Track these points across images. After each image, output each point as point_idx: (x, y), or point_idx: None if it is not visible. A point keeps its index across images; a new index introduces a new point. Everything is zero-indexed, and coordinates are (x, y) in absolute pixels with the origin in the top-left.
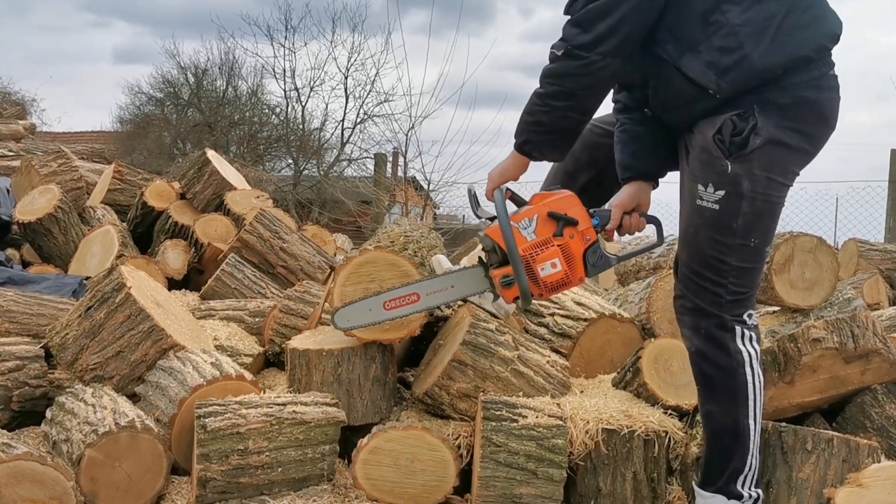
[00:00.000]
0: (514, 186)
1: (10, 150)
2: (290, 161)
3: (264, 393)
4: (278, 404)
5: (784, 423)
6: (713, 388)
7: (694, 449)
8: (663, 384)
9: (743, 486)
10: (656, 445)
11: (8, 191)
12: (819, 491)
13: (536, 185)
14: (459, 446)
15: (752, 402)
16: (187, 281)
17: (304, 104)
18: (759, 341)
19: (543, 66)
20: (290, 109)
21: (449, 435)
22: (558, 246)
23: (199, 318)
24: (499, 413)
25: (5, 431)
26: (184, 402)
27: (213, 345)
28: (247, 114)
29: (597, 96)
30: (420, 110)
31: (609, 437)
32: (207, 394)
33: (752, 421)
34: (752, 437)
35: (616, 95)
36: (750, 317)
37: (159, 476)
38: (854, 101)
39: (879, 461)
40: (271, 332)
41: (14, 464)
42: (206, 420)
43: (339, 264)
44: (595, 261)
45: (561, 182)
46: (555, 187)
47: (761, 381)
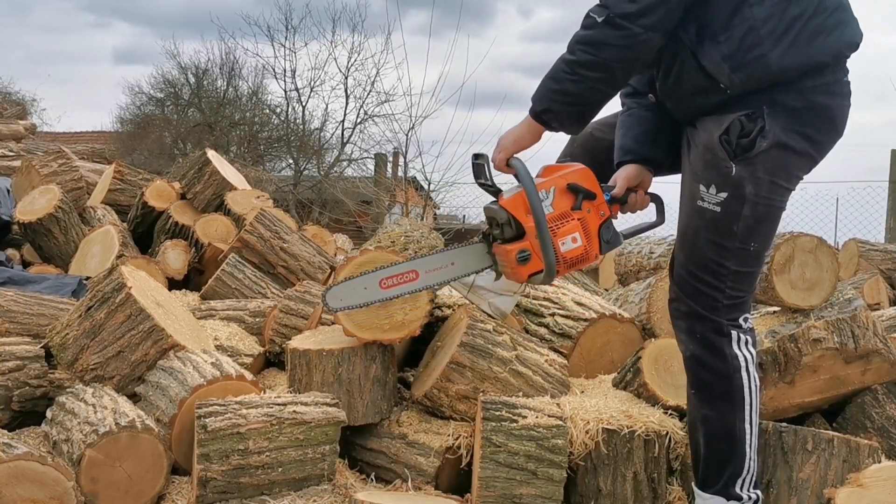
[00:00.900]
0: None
1: (11, 150)
2: (291, 161)
3: (264, 393)
4: (278, 404)
5: (784, 424)
6: (709, 394)
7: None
8: (663, 384)
9: (741, 488)
10: (657, 445)
11: (8, 191)
12: (819, 491)
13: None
14: (459, 446)
15: (748, 407)
16: (187, 281)
17: (304, 104)
18: (754, 345)
19: (575, 33)
20: (290, 109)
21: (449, 435)
22: (578, 220)
23: (200, 319)
24: (498, 413)
25: (5, 431)
26: (184, 402)
27: (214, 345)
28: (247, 114)
29: (630, 72)
30: (420, 110)
31: (609, 437)
32: (208, 394)
33: (748, 425)
34: (748, 442)
35: None
36: (745, 320)
37: (160, 476)
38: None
39: (880, 461)
40: (271, 332)
41: (14, 464)
42: (207, 420)
43: (340, 264)
44: (609, 237)
45: None
46: (565, 160)
47: (758, 384)
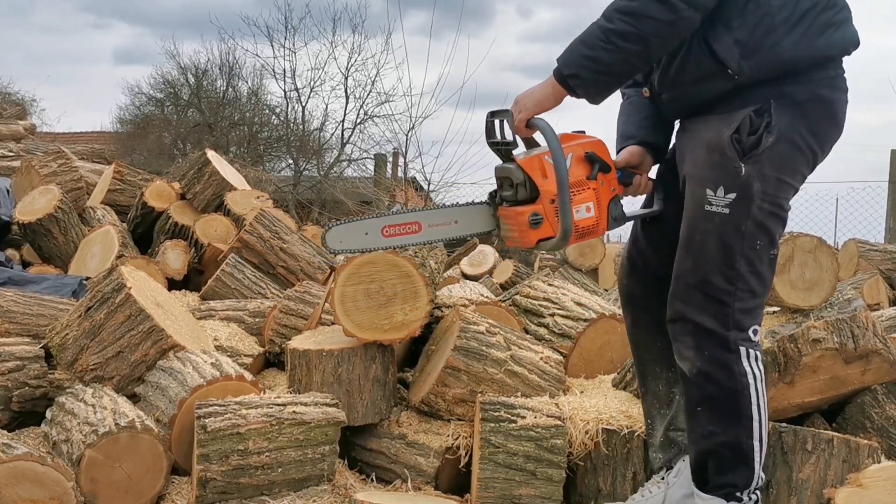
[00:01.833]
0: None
1: (11, 151)
2: (290, 161)
3: (264, 393)
4: (278, 405)
5: (784, 424)
6: (717, 411)
7: None
8: None
9: (743, 492)
10: None
11: (8, 191)
12: (819, 491)
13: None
14: (458, 447)
15: (756, 424)
16: (187, 281)
17: (304, 104)
18: (763, 362)
19: (613, 1)
20: (290, 110)
21: (449, 435)
22: (593, 189)
23: (200, 319)
24: (497, 414)
25: (5, 432)
26: (184, 403)
27: (213, 345)
28: (247, 114)
29: (664, 50)
30: (420, 111)
31: (609, 437)
32: (207, 394)
33: (756, 442)
34: (756, 458)
35: None
36: (755, 333)
37: (159, 476)
38: (854, 101)
39: (879, 461)
40: (271, 332)
41: (14, 464)
42: (206, 420)
43: (340, 265)
44: (616, 214)
45: None
46: (580, 131)
47: (765, 400)
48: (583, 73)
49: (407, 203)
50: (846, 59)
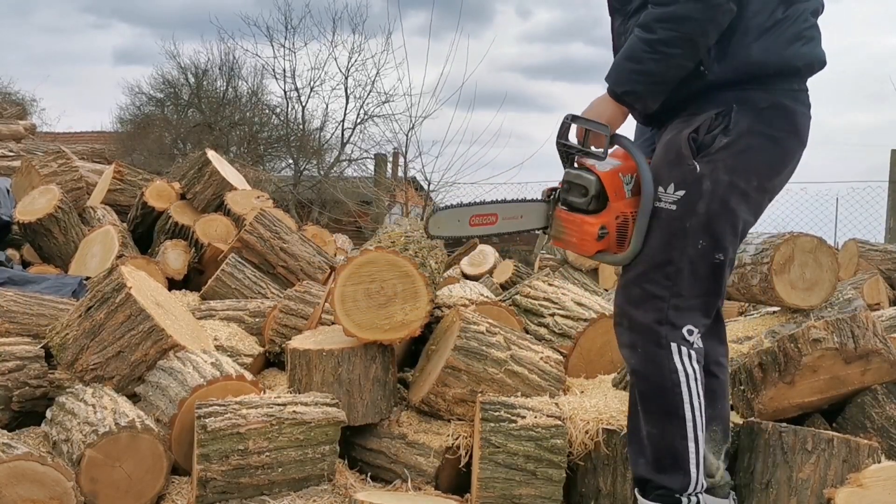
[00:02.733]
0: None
1: (11, 151)
2: (291, 161)
3: (264, 393)
4: (278, 404)
5: (784, 424)
6: (650, 410)
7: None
8: None
9: (682, 495)
10: None
11: (8, 191)
12: (819, 491)
13: (532, 187)
14: (459, 447)
15: (689, 424)
16: (187, 281)
17: (304, 104)
18: (699, 361)
19: (649, 12)
20: (290, 110)
21: (449, 435)
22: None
23: (200, 319)
24: (497, 414)
25: (5, 431)
26: (184, 403)
27: (214, 345)
28: (247, 114)
29: (711, 41)
30: (420, 110)
31: (609, 437)
32: (208, 394)
33: (690, 442)
34: (691, 459)
35: None
36: (691, 333)
37: (159, 476)
38: (853, 101)
39: (880, 461)
40: (271, 332)
41: (14, 464)
42: (207, 420)
43: (341, 264)
44: None
45: None
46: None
47: (702, 402)
48: (637, 88)
49: (407, 203)
50: (844, 59)
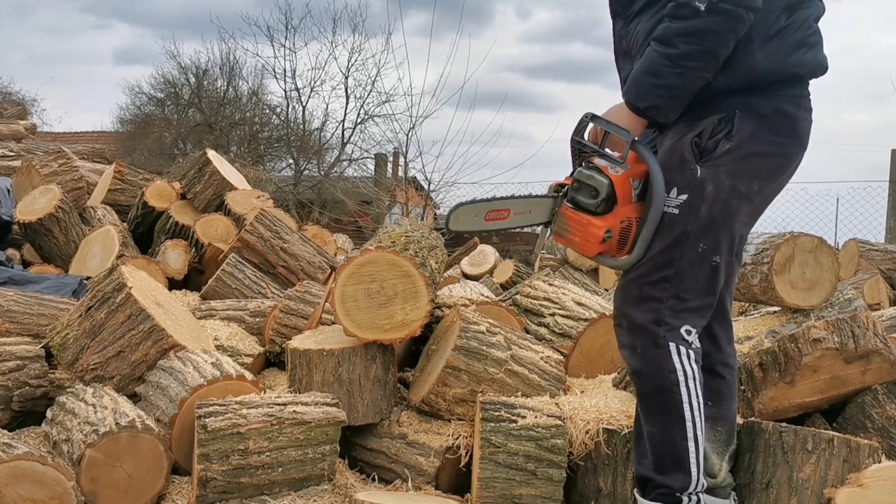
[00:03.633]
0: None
1: (11, 150)
2: (291, 161)
3: (265, 393)
4: (279, 404)
5: (784, 423)
6: (650, 409)
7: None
8: None
9: (682, 493)
10: None
11: (8, 191)
12: (820, 491)
13: (532, 186)
14: (459, 447)
15: (689, 423)
16: (188, 281)
17: (304, 104)
18: (697, 361)
19: (667, 26)
20: (290, 109)
21: (449, 435)
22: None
23: (200, 319)
24: (497, 414)
25: (6, 431)
26: (184, 402)
27: (214, 345)
28: (247, 114)
29: (729, 52)
30: (420, 110)
31: (609, 437)
32: (208, 394)
33: (690, 442)
34: (691, 459)
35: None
36: (689, 333)
37: (160, 476)
38: (853, 101)
39: (880, 461)
40: (272, 332)
41: (14, 464)
42: (207, 420)
43: (341, 264)
44: None
45: None
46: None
47: (700, 402)
48: (659, 102)
49: (407, 203)
50: (844, 59)
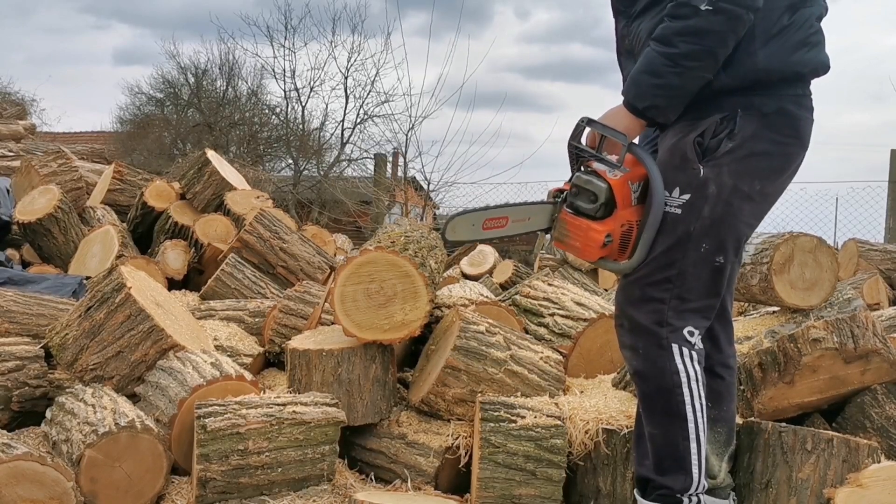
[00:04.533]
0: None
1: (10, 151)
2: (290, 161)
3: (264, 393)
4: (278, 404)
5: (784, 423)
6: (652, 410)
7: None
8: None
9: (683, 495)
10: None
11: (8, 191)
12: (819, 491)
13: (532, 186)
14: (458, 447)
15: (691, 425)
16: (187, 281)
17: (304, 104)
18: (700, 363)
19: (666, 25)
20: (290, 109)
21: (449, 435)
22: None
23: (199, 319)
24: (497, 414)
25: (5, 431)
26: (184, 403)
27: (213, 345)
28: (247, 114)
29: (729, 52)
30: (420, 111)
31: (609, 437)
32: (207, 394)
33: (692, 443)
34: (693, 460)
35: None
36: (692, 334)
37: (159, 476)
38: (853, 101)
39: (879, 461)
40: (271, 332)
41: (14, 464)
42: (206, 420)
43: (340, 264)
44: None
45: None
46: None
47: (703, 404)
48: (659, 102)
49: (407, 203)
50: (844, 59)
